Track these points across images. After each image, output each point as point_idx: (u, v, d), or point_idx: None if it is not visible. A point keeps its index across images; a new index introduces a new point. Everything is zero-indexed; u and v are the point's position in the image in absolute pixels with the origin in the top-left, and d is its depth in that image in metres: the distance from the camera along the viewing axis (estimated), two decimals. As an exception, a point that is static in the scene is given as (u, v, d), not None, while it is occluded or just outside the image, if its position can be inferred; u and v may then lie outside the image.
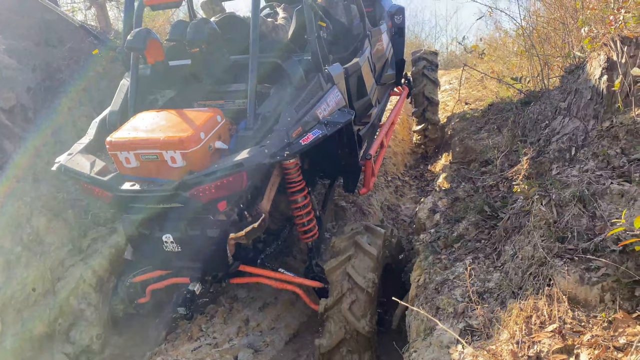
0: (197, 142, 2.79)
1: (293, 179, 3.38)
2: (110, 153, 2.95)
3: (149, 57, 3.36)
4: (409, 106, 9.34)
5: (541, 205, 2.86)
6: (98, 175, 3.06)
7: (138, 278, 3.90)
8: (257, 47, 3.02)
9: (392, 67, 5.70)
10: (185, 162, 2.80)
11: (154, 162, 2.84)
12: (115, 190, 2.96)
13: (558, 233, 2.72)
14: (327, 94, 3.33)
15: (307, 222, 3.56)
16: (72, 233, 4.39)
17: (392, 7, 6.01)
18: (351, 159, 3.72)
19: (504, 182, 3.80)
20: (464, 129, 6.22)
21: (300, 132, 2.95)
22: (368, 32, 4.60)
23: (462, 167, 5.38)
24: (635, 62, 3.22)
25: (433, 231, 3.75)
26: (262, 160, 2.73)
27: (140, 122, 3.03)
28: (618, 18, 3.86)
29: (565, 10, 5.59)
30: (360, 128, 4.16)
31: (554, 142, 3.58)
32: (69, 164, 3.16)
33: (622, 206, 2.70)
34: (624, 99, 3.28)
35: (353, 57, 4.17)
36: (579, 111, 3.52)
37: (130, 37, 3.22)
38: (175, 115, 3.01)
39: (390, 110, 5.85)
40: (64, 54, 5.18)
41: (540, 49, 5.83)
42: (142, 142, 2.82)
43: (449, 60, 13.70)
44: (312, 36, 3.28)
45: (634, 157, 2.96)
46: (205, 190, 2.76)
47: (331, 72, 3.47)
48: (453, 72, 10.84)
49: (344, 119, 3.27)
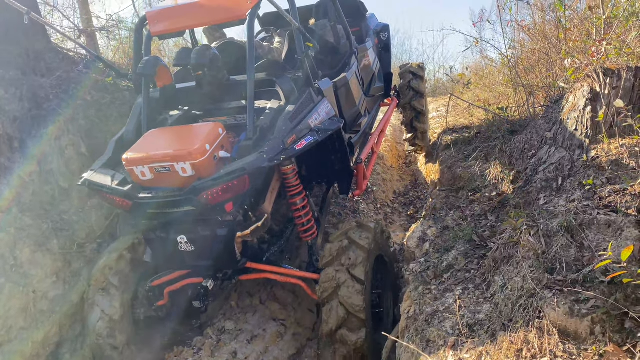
0: (203, 153, 3.12)
1: (291, 183, 3.71)
2: (127, 168, 3.29)
3: (159, 81, 3.85)
4: (398, 133, 9.44)
5: (529, 235, 2.86)
6: (118, 187, 3.38)
7: (156, 282, 4.15)
8: (253, 68, 3.36)
9: (380, 80, 6.12)
10: (195, 171, 3.13)
11: (167, 173, 3.19)
12: (134, 198, 3.28)
13: (547, 264, 2.72)
14: (317, 105, 3.68)
15: (307, 222, 3.88)
16: (56, 264, 4.31)
17: (377, 25, 6.46)
18: (344, 164, 4.04)
19: (493, 211, 3.81)
20: (452, 157, 6.26)
21: (294, 139, 3.28)
22: (354, 50, 4.97)
23: (450, 195, 5.40)
24: (618, 94, 3.28)
25: (423, 260, 3.74)
26: (261, 164, 3.04)
27: (151, 139, 3.40)
28: (600, 50, 3.95)
29: (548, 41, 5.72)
30: (352, 136, 4.51)
31: (541, 171, 3.61)
32: (93, 178, 3.50)
33: (610, 236, 2.71)
34: (608, 129, 3.33)
35: (341, 72, 4.53)
36: (564, 141, 3.56)
37: (142, 64, 3.67)
38: (182, 131, 3.40)
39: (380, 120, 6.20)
40: (52, 82, 5.16)
41: (525, 78, 5.93)
42: (155, 157, 3.17)
43: (436, 88, 13.88)
44: (302, 55, 3.68)
45: (619, 188, 2.99)
46: (213, 194, 3.08)
47: (321, 87, 3.85)
48: (440, 100, 10.97)
49: (333, 127, 3.61)
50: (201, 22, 3.92)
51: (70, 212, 4.67)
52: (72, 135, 4.93)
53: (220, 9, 3.63)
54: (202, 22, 3.89)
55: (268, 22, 5.37)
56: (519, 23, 6.56)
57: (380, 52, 6.34)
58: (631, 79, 3.27)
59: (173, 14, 3.77)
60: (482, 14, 10.99)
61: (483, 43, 6.52)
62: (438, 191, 5.90)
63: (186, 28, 4.05)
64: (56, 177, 4.69)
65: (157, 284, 4.15)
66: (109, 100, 5.48)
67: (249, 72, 3.34)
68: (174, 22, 3.78)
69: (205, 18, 3.75)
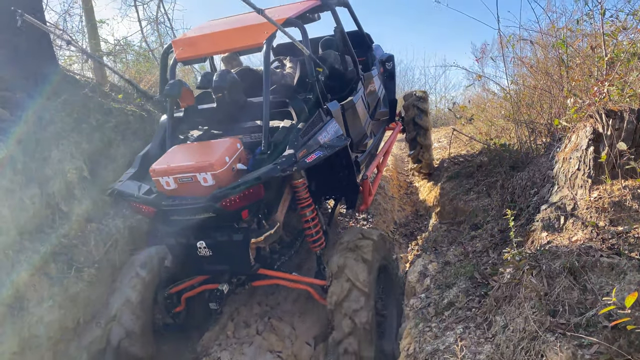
0: (223, 164, 3.45)
1: (302, 196, 3.98)
2: (153, 178, 3.60)
3: (182, 102, 4.21)
4: (399, 163, 9.46)
5: (532, 276, 2.84)
6: (144, 195, 3.68)
7: (174, 289, 4.40)
8: (269, 89, 3.75)
9: (385, 105, 6.57)
10: (215, 181, 3.43)
11: (190, 183, 3.49)
12: (159, 206, 3.59)
13: (549, 306, 2.70)
14: (326, 124, 4.01)
15: (315, 233, 4.13)
16: (52, 289, 4.27)
17: (382, 55, 6.90)
18: (350, 180, 4.35)
19: (494, 248, 3.79)
20: (454, 189, 6.27)
21: (305, 153, 3.57)
22: (361, 76, 5.37)
23: (452, 229, 5.38)
24: (620, 135, 3.30)
25: (423, 296, 3.70)
26: (275, 174, 3.34)
27: (176, 153, 3.74)
28: (602, 90, 3.99)
29: (550, 78, 5.77)
30: (358, 155, 4.86)
31: (543, 210, 3.60)
32: (121, 188, 3.81)
33: (613, 279, 2.69)
34: (610, 170, 3.34)
35: (349, 96, 4.90)
36: (567, 180, 3.56)
37: (168, 86, 4.05)
38: (204, 145, 3.75)
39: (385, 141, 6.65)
40: (57, 105, 5.19)
41: (527, 113, 5.97)
42: (180, 168, 3.49)
43: (438, 118, 13.97)
44: (312, 79, 4.06)
45: (622, 230, 2.98)
46: (232, 201, 3.37)
47: (330, 108, 4.20)
48: (442, 131, 11.03)
49: (340, 143, 3.91)
50: (223, 49, 4.31)
51: (70, 235, 4.65)
52: (75, 158, 4.94)
53: (240, 37, 4.05)
54: (224, 49, 4.28)
55: (280, 52, 5.73)
56: (521, 59, 6.65)
57: (385, 80, 6.77)
58: (634, 121, 3.29)
59: (197, 42, 4.21)
60: (484, 47, 11.11)
61: (486, 76, 6.60)
62: (439, 223, 5.88)
63: (210, 54, 4.51)
64: (57, 201, 4.68)
65: (175, 291, 4.39)
66: (113, 124, 5.51)
67: (265, 93, 3.69)
68: (198, 48, 4.21)
69: (227, 45, 4.16)
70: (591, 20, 5.32)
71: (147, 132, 5.94)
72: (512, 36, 6.06)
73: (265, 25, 3.86)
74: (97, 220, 4.93)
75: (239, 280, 4.16)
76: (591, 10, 5.25)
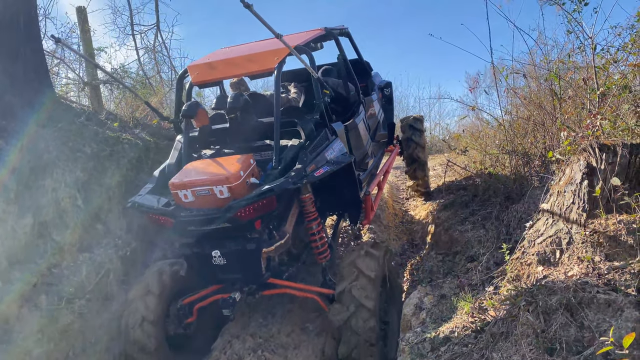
0: (238, 178, 3.68)
1: (309, 209, 4.23)
2: (172, 192, 3.81)
3: (197, 122, 4.45)
4: (394, 191, 9.47)
5: (528, 312, 2.81)
6: (163, 207, 3.91)
7: (187, 300, 4.56)
8: (279, 110, 4.03)
9: (384, 128, 7.00)
10: (230, 194, 3.66)
11: (207, 196, 3.71)
12: (178, 217, 3.78)
13: (546, 343, 2.66)
14: (332, 143, 4.30)
15: (321, 245, 4.36)
16: (42, 320, 4.20)
17: (381, 82, 7.40)
18: (354, 195, 4.59)
19: (490, 281, 3.76)
20: (449, 218, 6.26)
21: (314, 168, 3.84)
22: (362, 100, 5.72)
23: (447, 259, 5.36)
24: (614, 170, 3.32)
25: (419, 330, 3.65)
26: (287, 186, 3.59)
27: (193, 168, 3.95)
28: (595, 123, 4.02)
29: (543, 110, 5.83)
30: (360, 173, 5.08)
31: (538, 243, 3.59)
32: (140, 201, 4.03)
33: (610, 316, 2.66)
34: (605, 204, 3.34)
35: (351, 118, 5.20)
36: (561, 214, 3.56)
37: (185, 107, 4.35)
38: (219, 161, 3.95)
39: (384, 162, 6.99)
40: (53, 134, 5.19)
41: (520, 144, 6.01)
42: (198, 181, 3.71)
43: (433, 145, 14.04)
44: (319, 101, 4.36)
45: (618, 265, 2.97)
46: (246, 211, 3.60)
47: (335, 127, 4.51)
48: (437, 158, 11.08)
49: (345, 160, 4.19)
50: (237, 74, 4.65)
51: (62, 265, 4.60)
52: (69, 187, 4.91)
53: (252, 63, 4.39)
54: (238, 73, 4.62)
55: (285, 79, 6.04)
56: (514, 90, 6.72)
57: (383, 105, 7.23)
58: (627, 156, 3.31)
59: (213, 67, 4.55)
60: (477, 78, 11.26)
61: (479, 106, 6.67)
62: (435, 253, 5.86)
63: (224, 78, 4.88)
64: (50, 230, 4.63)
65: (187, 302, 4.56)
66: (108, 153, 5.50)
67: (275, 112, 3.97)
68: (213, 73, 4.55)
69: (241, 70, 4.50)
70: (583, 53, 5.42)
71: (143, 160, 5.93)
72: (505, 68, 6.16)
73: (275, 52, 4.25)
74: (90, 249, 4.88)
75: (250, 289, 4.32)
76: (582, 43, 5.36)
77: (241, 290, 4.23)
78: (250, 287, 4.32)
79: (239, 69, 4.49)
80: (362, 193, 4.82)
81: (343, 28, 5.99)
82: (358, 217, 5.01)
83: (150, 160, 6.01)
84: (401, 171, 9.99)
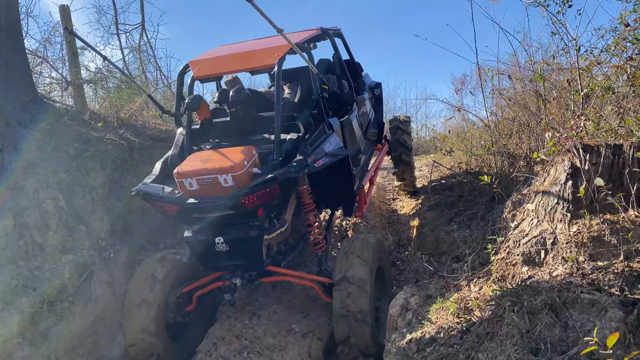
0: (242, 167, 3.86)
1: (306, 201, 4.47)
2: (177, 180, 3.98)
3: (199, 115, 4.66)
4: (381, 192, 9.47)
5: (513, 313, 2.82)
6: (169, 195, 4.03)
7: (186, 288, 4.69)
8: (280, 104, 4.16)
9: (374, 127, 7.24)
10: (234, 183, 3.83)
11: (211, 184, 3.88)
12: (184, 204, 3.92)
13: (531, 343, 2.67)
14: (329, 137, 4.52)
15: (317, 236, 4.62)
16: (23, 323, 4.12)
17: (371, 82, 7.59)
18: (348, 187, 4.82)
19: (476, 281, 3.77)
20: (435, 219, 6.27)
21: (314, 159, 4.05)
22: (355, 99, 5.93)
23: (433, 259, 5.37)
24: (597, 170, 3.34)
25: (405, 331, 3.65)
26: (290, 175, 3.84)
27: (197, 157, 4.11)
28: (579, 124, 4.06)
29: (528, 110, 5.88)
30: (354, 168, 5.17)
31: (523, 244, 3.61)
32: (146, 189, 4.16)
33: (594, 316, 2.68)
34: (589, 204, 3.37)
35: (346, 115, 5.39)
36: (546, 214, 3.58)
37: (188, 100, 4.52)
38: (223, 151, 4.10)
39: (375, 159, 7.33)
40: (35, 134, 5.10)
41: (506, 144, 6.05)
42: (203, 170, 3.88)
43: (419, 146, 14.08)
44: (317, 96, 4.58)
45: (602, 265, 2.99)
46: (250, 199, 3.77)
47: (331, 122, 4.73)
48: (423, 159, 11.12)
49: (342, 153, 4.44)
50: (238, 69, 4.77)
51: (43, 267, 4.52)
52: (52, 188, 4.83)
53: (253, 58, 4.54)
54: (240, 69, 4.75)
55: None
56: (500, 91, 6.77)
57: (374, 104, 7.42)
58: (610, 156, 3.34)
59: (214, 62, 4.74)
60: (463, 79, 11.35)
61: (465, 107, 6.70)
62: (421, 254, 5.86)
63: (225, 73, 4.93)
64: (31, 231, 4.55)
65: (187, 290, 4.68)
66: (91, 154, 5.42)
67: (276, 106, 4.12)
68: (215, 67, 4.69)
69: (241, 65, 4.65)
70: (567, 54, 5.47)
71: (127, 161, 5.86)
72: (491, 69, 6.19)
73: (276, 49, 4.44)
74: (72, 251, 4.80)
75: (250, 275, 4.46)
76: (566, 45, 5.40)
77: (242, 277, 4.36)
78: (250, 274, 4.45)
79: (240, 64, 4.63)
80: (355, 186, 5.04)
81: (337, 29, 6.20)
82: (352, 210, 5.28)
83: (134, 160, 5.94)
84: (388, 172, 10.01)
